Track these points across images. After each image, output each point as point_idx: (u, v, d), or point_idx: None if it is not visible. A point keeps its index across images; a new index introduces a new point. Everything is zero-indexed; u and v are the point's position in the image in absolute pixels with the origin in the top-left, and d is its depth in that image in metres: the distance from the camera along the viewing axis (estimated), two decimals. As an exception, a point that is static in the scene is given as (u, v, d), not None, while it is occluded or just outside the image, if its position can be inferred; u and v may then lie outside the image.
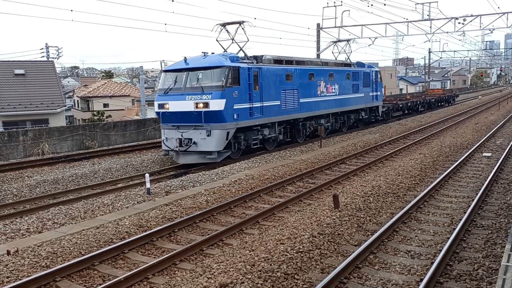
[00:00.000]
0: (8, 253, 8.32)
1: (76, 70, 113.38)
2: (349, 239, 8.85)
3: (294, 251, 7.97)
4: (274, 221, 10.26)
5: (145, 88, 42.67)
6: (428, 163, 16.18)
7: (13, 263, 7.93)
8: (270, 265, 7.42)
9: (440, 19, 33.61)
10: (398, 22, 35.70)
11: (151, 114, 39.92)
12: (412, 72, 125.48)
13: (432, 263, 7.42)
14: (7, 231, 9.88)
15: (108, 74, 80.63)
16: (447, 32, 38.94)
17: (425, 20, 33.10)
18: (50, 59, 47.46)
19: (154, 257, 8.33)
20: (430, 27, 34.34)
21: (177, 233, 9.61)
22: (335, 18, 37.96)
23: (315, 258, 7.84)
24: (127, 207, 11.56)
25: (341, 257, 8.02)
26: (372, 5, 59.56)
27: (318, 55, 44.89)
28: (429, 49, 78.64)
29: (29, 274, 7.51)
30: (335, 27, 38.72)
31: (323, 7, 37.36)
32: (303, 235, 8.72)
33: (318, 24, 42.51)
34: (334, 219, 9.76)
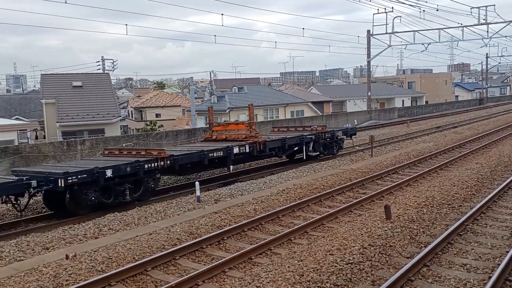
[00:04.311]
0: (67, 257, 8.73)
1: (130, 82, 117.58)
2: (401, 251, 8.61)
3: (344, 262, 7.84)
4: (323, 232, 10.16)
5: (195, 98, 43.61)
6: (486, 173, 15.47)
7: (71, 267, 8.30)
8: (319, 275, 7.34)
9: (497, 23, 32.27)
10: (452, 27, 34.61)
11: (201, 123, 40.73)
12: (469, 78, 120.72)
13: (490, 277, 7.08)
14: (66, 236, 10.37)
15: (160, 85, 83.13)
16: (506, 36, 37.30)
17: (481, 24, 31.88)
18: (105, 72, 49.61)
19: (204, 264, 8.46)
20: (487, 31, 33.04)
21: (226, 241, 9.71)
22: (386, 24, 37.28)
23: (366, 270, 7.68)
24: (178, 214, 11.83)
25: (392, 269, 7.82)
26: (424, 11, 58.13)
27: (368, 62, 44.24)
28: (486, 54, 75.49)
29: (86, 278, 7.84)
30: (386, 33, 38.01)
31: (374, 14, 36.86)
32: (353, 246, 8.57)
33: (368, 31, 41.91)
34: (386, 230, 9.53)
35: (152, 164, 13.87)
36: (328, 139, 20.69)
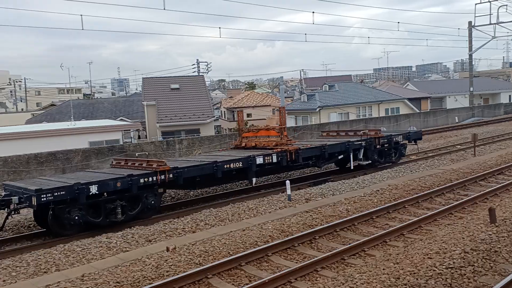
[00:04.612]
0: (167, 249, 9.27)
1: (223, 83, 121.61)
2: (507, 257, 7.95)
3: (444, 267, 7.43)
4: (421, 234, 9.71)
5: (285, 97, 43.92)
6: None
7: (171, 258, 8.80)
8: (417, 279, 7.04)
9: None
10: None
11: (291, 123, 40.90)
12: None
13: None
14: (166, 230, 11.01)
15: (251, 86, 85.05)
16: None
17: None
18: (200, 74, 51.75)
19: (296, 262, 8.51)
20: None
21: (318, 240, 9.67)
22: (490, 14, 34.70)
23: (468, 276, 7.21)
24: (270, 212, 12.02)
25: (498, 276, 7.25)
26: (535, -4, 53.00)
27: (470, 56, 41.47)
28: None
29: (184, 270, 8.25)
30: (490, 24, 35.38)
31: (476, 4, 34.47)
32: (454, 250, 8.09)
33: (470, 22, 39.35)
34: (490, 234, 8.86)
35: (150, 178, 12.16)
36: (384, 145, 18.17)
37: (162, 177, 12.39)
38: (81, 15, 20.74)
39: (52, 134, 26.23)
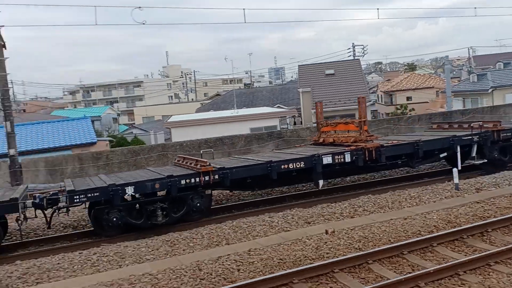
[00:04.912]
0: (326, 232, 9.46)
1: (380, 66, 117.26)
2: None
3: None
4: None
5: (451, 78, 40.44)
6: None
7: (330, 241, 8.96)
8: None
9: None
10: None
11: (458, 105, 37.65)
12: None
13: None
14: (324, 213, 11.21)
15: (411, 67, 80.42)
16: None
17: None
18: (356, 58, 50.72)
19: (465, 255, 7.92)
20: None
21: (491, 233, 8.84)
22: None
23: None
24: (434, 201, 11.39)
25: None
26: None
27: None
28: None
29: (344, 253, 8.33)
30: None
31: None
32: None
33: None
34: None
35: (192, 180, 11.37)
36: (510, 140, 14.88)
37: (206, 178, 11.55)
38: (243, 8, 21.92)
39: (219, 121, 28.66)
